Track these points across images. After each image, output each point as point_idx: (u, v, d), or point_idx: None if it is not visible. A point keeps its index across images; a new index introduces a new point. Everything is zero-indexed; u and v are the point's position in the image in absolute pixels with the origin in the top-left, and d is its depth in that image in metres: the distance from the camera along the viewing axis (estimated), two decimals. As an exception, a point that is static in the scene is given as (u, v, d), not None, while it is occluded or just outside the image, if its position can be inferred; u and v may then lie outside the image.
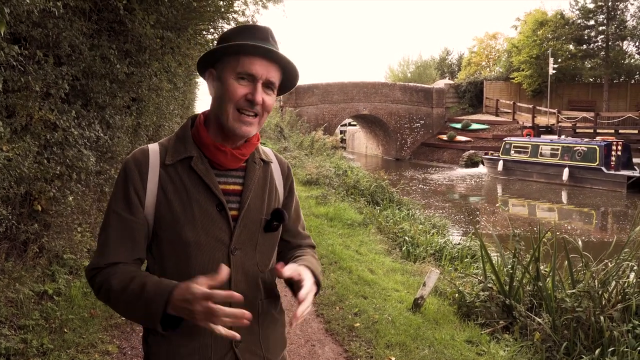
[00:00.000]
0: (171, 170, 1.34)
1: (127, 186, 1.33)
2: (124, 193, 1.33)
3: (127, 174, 1.34)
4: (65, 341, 3.64)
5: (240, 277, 1.36)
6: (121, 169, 1.37)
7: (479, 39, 46.28)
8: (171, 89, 8.09)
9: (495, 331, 4.49)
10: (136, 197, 1.32)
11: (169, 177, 1.34)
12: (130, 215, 1.32)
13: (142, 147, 1.40)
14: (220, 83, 1.34)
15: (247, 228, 1.38)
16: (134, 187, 1.32)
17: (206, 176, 1.34)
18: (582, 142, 20.71)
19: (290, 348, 4.02)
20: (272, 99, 1.37)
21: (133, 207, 1.32)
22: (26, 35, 3.81)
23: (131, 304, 1.25)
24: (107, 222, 1.34)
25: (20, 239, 4.04)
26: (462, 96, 35.25)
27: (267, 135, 21.84)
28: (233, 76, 1.32)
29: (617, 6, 31.51)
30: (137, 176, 1.33)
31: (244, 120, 1.33)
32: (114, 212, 1.33)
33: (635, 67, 32.70)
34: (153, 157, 1.36)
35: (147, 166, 1.34)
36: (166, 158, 1.35)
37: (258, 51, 1.31)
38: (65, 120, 4.15)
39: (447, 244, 8.04)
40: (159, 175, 1.33)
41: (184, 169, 1.34)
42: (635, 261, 4.72)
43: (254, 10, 10.34)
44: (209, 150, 1.36)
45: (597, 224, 15.16)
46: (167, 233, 1.32)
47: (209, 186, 1.33)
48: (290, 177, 1.57)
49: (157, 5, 5.46)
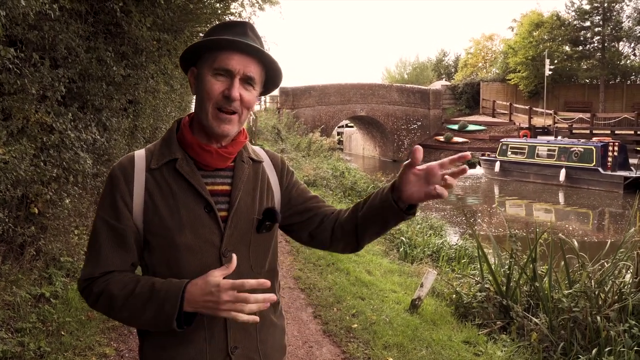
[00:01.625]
0: (157, 174, 1.31)
1: (114, 193, 1.30)
2: (111, 200, 1.30)
3: (113, 181, 1.32)
4: (63, 344, 3.64)
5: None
6: (107, 177, 1.35)
7: (476, 40, 46.41)
8: (168, 91, 8.08)
9: (493, 332, 4.50)
10: (123, 204, 1.29)
11: (155, 181, 1.31)
12: (119, 223, 1.29)
13: (130, 154, 1.38)
14: (198, 81, 1.32)
15: (238, 229, 1.33)
16: (120, 194, 1.30)
17: (192, 177, 1.30)
18: (578, 142, 20.76)
19: (288, 349, 4.02)
20: (252, 95, 1.33)
21: (121, 215, 1.29)
22: (22, 37, 3.81)
23: (139, 307, 1.22)
24: (97, 230, 1.31)
25: (17, 241, 4.03)
26: (459, 97, 35.32)
27: (265, 137, 21.85)
28: (210, 72, 1.28)
29: (613, 7, 31.65)
30: (122, 183, 1.30)
31: (222, 117, 1.29)
32: (102, 220, 1.31)
33: (631, 68, 32.83)
34: (139, 162, 1.33)
35: (132, 172, 1.31)
36: (151, 162, 1.32)
37: (233, 45, 1.27)
38: (61, 123, 4.15)
39: (444, 245, 8.05)
40: (145, 180, 1.31)
41: (169, 172, 1.31)
42: (631, 261, 4.73)
43: (250, 12, 10.38)
44: (193, 151, 1.33)
45: (593, 224, 15.20)
46: (157, 238, 1.29)
47: (195, 187, 1.30)
48: (286, 170, 1.51)
49: (154, 8, 5.47)
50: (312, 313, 4.71)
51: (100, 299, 1.27)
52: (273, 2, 13.54)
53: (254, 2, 10.86)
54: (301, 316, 4.64)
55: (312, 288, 5.31)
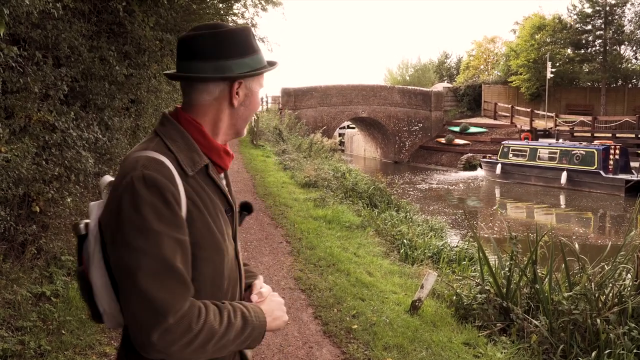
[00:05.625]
0: (192, 182, 1.26)
1: (170, 202, 1.16)
2: (170, 211, 1.16)
3: (162, 188, 1.16)
4: (63, 343, 3.64)
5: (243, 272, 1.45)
6: (149, 185, 1.15)
7: (478, 42, 46.37)
8: (170, 90, 8.10)
9: (493, 333, 4.50)
10: (181, 214, 1.18)
11: (193, 189, 1.25)
12: (185, 236, 1.18)
13: (151, 157, 1.21)
14: (250, 96, 1.39)
15: (236, 225, 1.46)
16: (176, 202, 1.18)
17: (220, 182, 1.36)
18: (580, 145, 20.76)
19: (288, 350, 4.03)
20: None
21: (184, 226, 1.18)
22: (25, 36, 3.82)
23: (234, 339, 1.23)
24: (163, 250, 1.12)
25: (18, 240, 4.04)
26: (461, 99, 35.31)
27: (266, 138, 21.85)
28: (258, 88, 1.40)
29: (615, 11, 31.62)
30: (174, 190, 1.18)
31: None
32: (167, 237, 1.13)
33: (633, 71, 32.81)
34: (173, 168, 1.22)
35: (175, 179, 1.20)
36: (184, 169, 1.25)
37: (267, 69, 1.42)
38: (64, 122, 4.16)
39: (445, 246, 8.04)
40: (184, 188, 1.22)
41: (202, 178, 1.30)
42: (631, 264, 4.73)
43: (253, 13, 10.43)
44: (219, 156, 1.36)
45: (594, 227, 15.20)
46: (204, 248, 1.24)
47: (223, 192, 1.36)
48: None
49: (157, 8, 5.48)
50: (312, 314, 4.72)
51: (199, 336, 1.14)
52: (276, 2, 13.58)
53: (256, 2, 10.89)
54: (301, 317, 4.65)
55: (313, 289, 5.31)
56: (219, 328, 1.17)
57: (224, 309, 1.22)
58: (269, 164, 15.57)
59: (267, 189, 11.37)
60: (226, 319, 1.20)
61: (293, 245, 6.96)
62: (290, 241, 7.17)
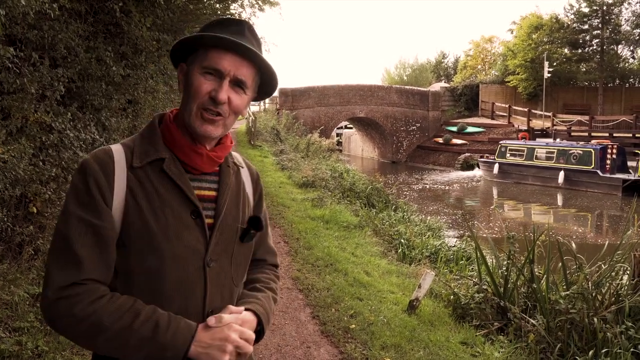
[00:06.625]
0: (140, 173, 1.19)
1: (91, 187, 1.15)
2: (89, 195, 1.15)
3: (88, 174, 1.16)
4: (60, 343, 3.63)
5: (215, 291, 1.24)
6: (79, 170, 1.18)
7: (475, 42, 46.43)
8: (167, 91, 8.10)
9: (490, 333, 4.51)
10: (103, 200, 1.15)
11: (138, 180, 1.19)
12: (100, 221, 1.14)
13: (103, 147, 1.24)
14: (187, 78, 1.24)
15: (224, 237, 1.26)
16: (100, 188, 1.15)
17: (180, 180, 1.21)
18: (577, 145, 20.81)
19: (286, 350, 4.03)
20: (242, 99, 1.25)
21: (102, 212, 1.14)
22: (22, 37, 3.82)
23: (134, 345, 1.10)
24: (71, 230, 1.13)
25: (15, 241, 4.04)
26: (458, 99, 35.35)
27: (264, 138, 21.84)
28: (199, 71, 1.21)
29: (612, 11, 31.71)
30: (102, 176, 1.16)
31: (205, 117, 1.21)
32: (77, 217, 1.13)
33: (630, 71, 32.91)
34: (118, 157, 1.20)
35: (112, 166, 1.18)
36: (133, 160, 1.20)
37: (226, 44, 1.19)
38: (60, 123, 4.16)
39: (442, 246, 8.05)
40: (127, 178, 1.18)
41: (154, 173, 1.20)
42: (628, 263, 4.74)
43: (250, 13, 10.40)
44: (183, 152, 1.23)
45: (592, 226, 15.23)
46: (138, 243, 1.17)
47: (184, 191, 1.21)
48: (259, 185, 1.45)
49: (154, 8, 5.48)
50: (310, 313, 4.72)
51: (82, 324, 1.10)
52: (273, 3, 13.57)
53: (253, 2, 10.89)
54: (299, 316, 4.65)
55: (311, 288, 5.31)
56: (110, 326, 1.09)
57: (129, 311, 1.11)
58: (266, 164, 15.57)
59: (265, 189, 11.23)
60: (127, 320, 1.10)
61: (291, 245, 6.96)
62: (288, 241, 7.17)
